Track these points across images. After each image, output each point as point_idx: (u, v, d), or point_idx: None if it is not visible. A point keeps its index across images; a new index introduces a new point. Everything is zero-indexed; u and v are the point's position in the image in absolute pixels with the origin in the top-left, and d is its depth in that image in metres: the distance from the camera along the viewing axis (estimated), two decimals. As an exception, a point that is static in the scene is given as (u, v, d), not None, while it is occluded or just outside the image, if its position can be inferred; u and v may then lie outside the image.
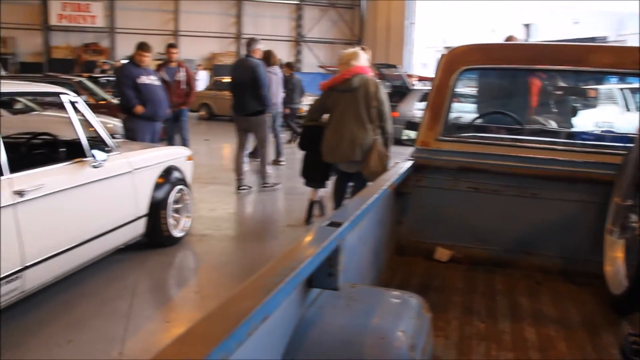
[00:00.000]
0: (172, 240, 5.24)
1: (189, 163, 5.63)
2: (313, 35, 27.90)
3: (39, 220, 3.59)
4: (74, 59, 25.81)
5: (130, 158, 4.62)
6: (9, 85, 4.45)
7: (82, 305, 4.04)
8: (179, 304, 4.23)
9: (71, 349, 3.43)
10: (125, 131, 7.06)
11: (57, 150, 4.15)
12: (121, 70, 7.26)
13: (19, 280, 3.46)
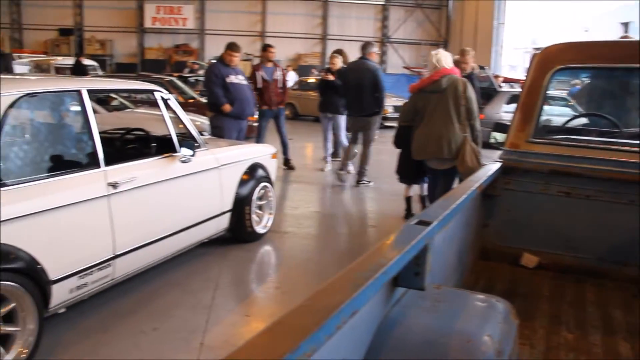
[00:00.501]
0: (254, 236, 5.33)
1: (273, 161, 5.70)
2: (398, 36, 27.69)
3: (130, 212, 3.74)
4: (165, 59, 26.82)
5: (217, 154, 4.73)
6: (108, 82, 4.67)
7: (167, 295, 4.17)
8: (260, 299, 4.29)
9: (155, 337, 3.55)
10: (213, 129, 7.23)
11: (149, 145, 4.31)
12: (211, 70, 7.41)
13: (110, 268, 3.62)
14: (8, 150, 3.11)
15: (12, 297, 2.94)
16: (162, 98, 4.32)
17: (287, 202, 7.20)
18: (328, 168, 9.29)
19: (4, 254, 2.87)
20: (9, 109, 3.09)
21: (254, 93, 8.78)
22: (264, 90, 8.77)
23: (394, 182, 8.32)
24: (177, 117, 4.49)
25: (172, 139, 4.23)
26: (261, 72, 8.74)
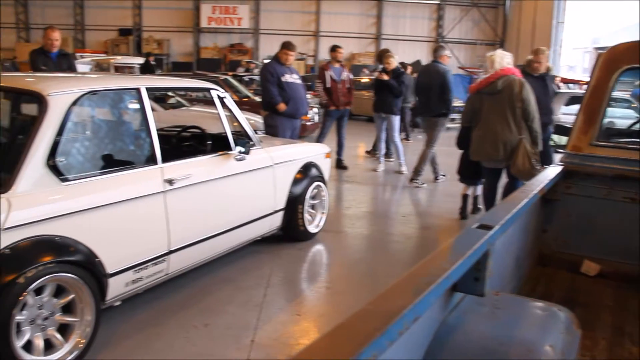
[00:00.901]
0: (307, 235, 5.33)
1: (327, 160, 5.68)
2: (453, 36, 27.31)
3: (185, 208, 3.78)
4: (220, 58, 27.19)
5: (272, 153, 4.75)
6: (166, 81, 4.74)
7: (219, 291, 4.20)
8: (310, 298, 4.29)
9: (207, 332, 3.58)
10: (267, 127, 7.25)
11: (204, 143, 4.35)
12: (266, 68, 7.40)
13: (164, 263, 3.68)
14: (70, 147, 3.19)
15: (72, 289, 3.02)
16: (218, 96, 4.37)
17: (339, 202, 7.18)
18: (381, 168, 9.23)
19: (64, 246, 2.95)
20: (72, 106, 3.16)
21: (322, 92, 8.84)
22: (332, 90, 8.82)
23: (449, 183, 8.25)
24: (232, 115, 4.53)
25: (227, 137, 4.27)
26: (330, 71, 8.78)
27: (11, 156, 2.98)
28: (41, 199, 2.92)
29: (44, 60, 6.37)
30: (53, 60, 6.37)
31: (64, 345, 3.02)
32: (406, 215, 6.67)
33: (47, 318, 2.96)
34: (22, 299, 2.74)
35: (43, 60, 6.37)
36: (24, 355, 2.81)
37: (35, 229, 2.84)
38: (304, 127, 10.10)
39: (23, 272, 2.72)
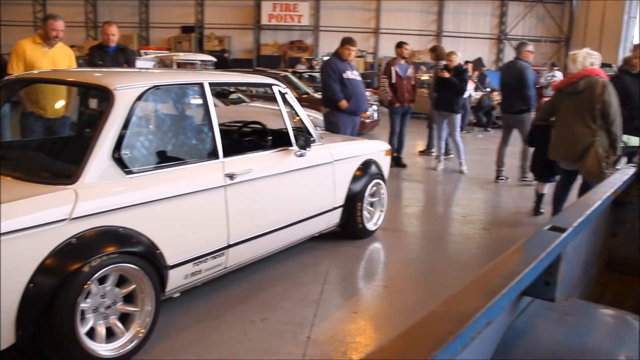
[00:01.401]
0: (365, 232, 5.29)
1: (386, 158, 5.63)
2: (516, 33, 26.59)
3: (245, 203, 3.80)
4: (280, 55, 27.37)
5: (332, 149, 4.72)
6: (229, 76, 4.78)
7: (276, 286, 4.21)
8: (368, 296, 4.24)
9: (263, 327, 3.59)
10: (328, 124, 7.20)
11: (265, 139, 4.36)
12: (328, 64, 7.30)
13: (223, 257, 3.71)
14: (134, 140, 3.25)
15: (133, 279, 3.08)
16: (280, 92, 4.37)
17: (398, 200, 7.10)
18: (441, 167, 9.09)
19: (127, 238, 3.01)
20: (137, 100, 3.22)
21: (387, 89, 8.79)
22: (397, 87, 8.78)
23: (510, 185, 8.05)
24: (293, 111, 4.52)
25: (288, 132, 4.27)
26: (395, 67, 8.73)
27: (79, 148, 3.06)
28: (106, 190, 2.98)
29: (100, 55, 6.44)
30: (110, 55, 6.42)
31: (124, 333, 3.08)
32: (466, 215, 6.53)
33: (109, 307, 3.03)
34: (86, 287, 2.80)
35: (100, 55, 6.44)
36: (87, 341, 2.87)
37: (100, 219, 2.90)
38: (363, 124, 10.05)
39: (88, 261, 2.78)
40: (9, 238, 2.54)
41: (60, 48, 5.57)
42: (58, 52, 5.51)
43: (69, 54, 5.70)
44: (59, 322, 2.71)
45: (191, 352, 3.24)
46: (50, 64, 5.29)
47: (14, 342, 2.67)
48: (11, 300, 2.60)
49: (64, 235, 2.74)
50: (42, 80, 4.04)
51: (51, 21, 5.36)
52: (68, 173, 2.93)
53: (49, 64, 5.29)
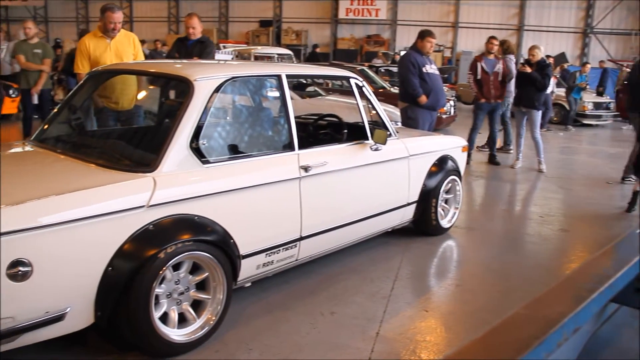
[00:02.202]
0: (438, 230, 5.20)
1: (463, 154, 5.50)
2: (604, 26, 25.40)
3: (319, 195, 3.80)
4: (357, 49, 27.28)
5: (408, 144, 4.65)
6: (306, 68, 4.78)
7: (347, 280, 4.19)
8: (439, 295, 4.15)
9: (333, 320, 3.58)
10: (406, 119, 7.05)
11: (340, 132, 4.34)
12: (407, 58, 7.10)
13: (295, 248, 3.72)
14: (212, 130, 3.29)
15: (207, 267, 3.13)
16: (357, 85, 4.33)
17: (473, 198, 6.94)
18: (518, 165, 8.82)
19: (202, 226, 3.06)
20: (216, 91, 3.27)
21: (473, 84, 8.63)
22: (483, 83, 8.60)
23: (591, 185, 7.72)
24: (370, 104, 4.47)
25: (364, 126, 4.23)
26: (482, 63, 8.54)
27: (158, 138, 3.13)
28: (183, 179, 3.04)
29: (178, 47, 6.40)
30: (187, 48, 6.34)
31: (196, 320, 3.14)
32: (544, 215, 6.30)
33: (183, 293, 3.09)
34: (161, 273, 2.87)
35: (178, 47, 6.41)
36: (160, 325, 2.94)
37: (177, 207, 2.96)
38: (439, 119, 9.89)
39: (164, 247, 2.84)
40: (92, 222, 2.64)
41: (122, 36, 5.49)
42: (120, 41, 5.44)
43: (131, 39, 5.59)
44: (134, 305, 2.78)
45: (260, 341, 3.27)
46: (114, 56, 5.28)
47: (92, 322, 2.77)
48: (91, 282, 2.70)
49: (142, 222, 2.82)
50: (126, 72, 4.17)
51: (109, 13, 5.28)
52: (147, 161, 3.01)
53: (112, 56, 5.27)
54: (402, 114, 7.17)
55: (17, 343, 2.57)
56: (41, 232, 2.49)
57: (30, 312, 2.53)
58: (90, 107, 4.08)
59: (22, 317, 2.51)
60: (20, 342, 2.58)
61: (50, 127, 3.79)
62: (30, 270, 2.47)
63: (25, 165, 3.41)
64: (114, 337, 3.03)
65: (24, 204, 2.50)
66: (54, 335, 2.70)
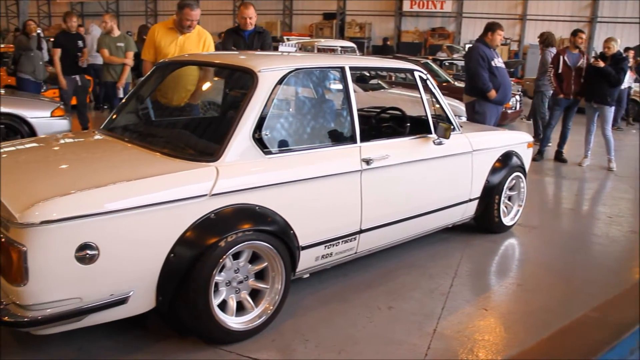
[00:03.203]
0: (500, 227, 5.09)
1: (528, 150, 5.35)
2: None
3: (380, 189, 3.77)
4: (421, 42, 26.95)
5: (471, 139, 4.56)
6: (369, 60, 4.76)
7: (405, 275, 4.16)
8: (500, 294, 4.06)
9: (390, 315, 3.56)
10: (473, 114, 6.88)
11: (403, 125, 4.30)
12: (476, 51, 6.88)
13: (354, 241, 3.71)
14: (275, 121, 3.31)
15: (266, 257, 3.16)
16: (421, 78, 4.27)
17: (538, 195, 6.75)
18: (586, 163, 8.53)
19: (263, 216, 3.08)
20: (279, 82, 3.29)
21: (553, 78, 8.41)
22: (564, 77, 8.35)
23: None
24: (433, 98, 4.40)
25: (427, 119, 4.17)
26: (565, 56, 8.31)
27: (222, 128, 3.17)
28: (245, 169, 3.07)
29: (235, 39, 6.14)
30: (245, 39, 6.10)
31: (253, 309, 3.18)
32: (612, 215, 6.07)
33: (241, 282, 3.14)
34: (221, 261, 2.91)
35: (234, 39, 6.15)
36: (219, 312, 3.00)
37: (238, 197, 2.99)
38: (504, 114, 9.67)
39: (224, 236, 2.88)
40: (156, 209, 2.70)
41: (194, 34, 5.32)
42: (191, 38, 5.28)
43: (203, 38, 5.39)
44: (194, 291, 2.84)
45: (316, 332, 3.28)
46: (179, 51, 5.18)
47: (154, 306, 2.84)
48: (154, 268, 2.76)
49: (204, 210, 2.86)
50: (191, 63, 4.24)
51: (187, 10, 5.12)
52: (211, 151, 3.05)
53: (177, 50, 5.19)
54: (467, 108, 7.02)
55: (83, 323, 2.66)
56: (108, 217, 2.57)
57: (96, 294, 2.62)
58: (157, 97, 4.17)
59: (88, 299, 2.60)
60: (86, 322, 2.68)
61: (119, 117, 3.91)
62: (97, 254, 2.55)
63: (94, 153, 3.53)
64: (174, 321, 3.11)
65: (93, 189, 2.59)
66: (117, 317, 2.78)
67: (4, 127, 6.76)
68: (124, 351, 3.01)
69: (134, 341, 3.10)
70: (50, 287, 2.50)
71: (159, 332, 3.19)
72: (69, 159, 3.45)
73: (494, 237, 5.06)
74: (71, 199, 2.52)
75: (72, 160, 3.36)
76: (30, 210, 2.40)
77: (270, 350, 3.09)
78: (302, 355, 3.06)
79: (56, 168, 3.18)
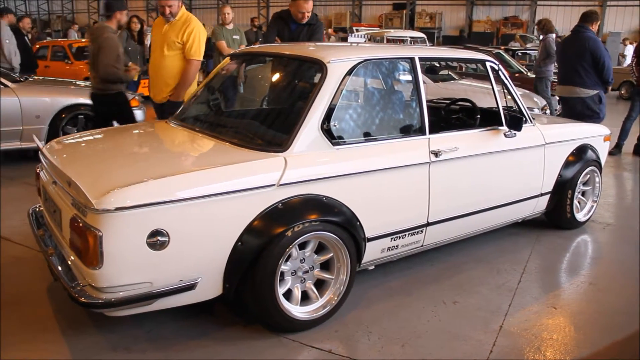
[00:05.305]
0: (573, 223, 4.93)
1: (605, 144, 5.14)
2: None
3: (448, 181, 3.71)
4: (493, 32, 26.30)
5: (544, 131, 4.42)
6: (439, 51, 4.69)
7: (472, 270, 4.10)
8: (570, 292, 3.94)
9: (455, 310, 3.52)
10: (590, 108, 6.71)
11: (473, 117, 4.22)
12: (599, 41, 6.71)
13: (420, 234, 3.67)
14: (343, 112, 3.32)
15: (332, 248, 3.18)
16: (492, 68, 4.17)
17: (613, 190, 6.49)
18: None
19: (330, 207, 3.10)
20: (349, 73, 3.28)
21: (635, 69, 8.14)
22: None
23: None
24: (505, 89, 4.29)
25: (498, 111, 4.07)
26: None
27: (291, 118, 3.20)
28: (313, 160, 3.08)
29: (280, 28, 5.64)
30: (290, 30, 5.61)
31: (318, 299, 3.21)
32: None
33: (307, 272, 3.17)
34: (287, 251, 2.95)
35: (279, 28, 5.65)
36: (284, 301, 3.04)
37: (306, 187, 3.02)
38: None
39: (291, 226, 2.91)
40: (225, 198, 2.76)
41: (179, 23, 5.01)
42: (174, 27, 5.00)
43: (184, 28, 5.00)
44: (260, 280, 2.89)
45: (380, 325, 3.28)
46: (160, 41, 5.04)
47: (220, 293, 2.91)
48: (222, 255, 2.83)
49: (272, 200, 2.90)
50: (261, 54, 4.29)
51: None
52: (279, 141, 3.08)
53: (161, 40, 5.03)
54: (578, 103, 6.79)
55: (153, 306, 2.76)
56: (179, 205, 2.64)
57: (166, 279, 2.71)
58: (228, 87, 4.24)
59: (158, 283, 2.69)
60: (155, 306, 2.76)
61: (191, 108, 4.00)
62: (168, 240, 2.63)
63: (166, 143, 3.64)
64: (239, 309, 3.18)
65: (165, 178, 2.67)
66: (185, 302, 2.86)
67: (83, 117, 7.07)
68: (191, 336, 3.09)
69: (200, 326, 3.19)
70: (123, 271, 2.59)
71: (225, 319, 3.27)
72: (143, 147, 3.57)
73: (565, 234, 4.91)
74: (144, 186, 2.60)
75: (145, 149, 3.47)
76: (106, 197, 2.50)
77: (333, 340, 3.11)
78: (365, 347, 3.07)
79: (130, 156, 3.30)
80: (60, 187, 2.94)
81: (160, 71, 5.07)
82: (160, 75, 5.09)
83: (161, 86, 5.12)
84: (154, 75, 5.21)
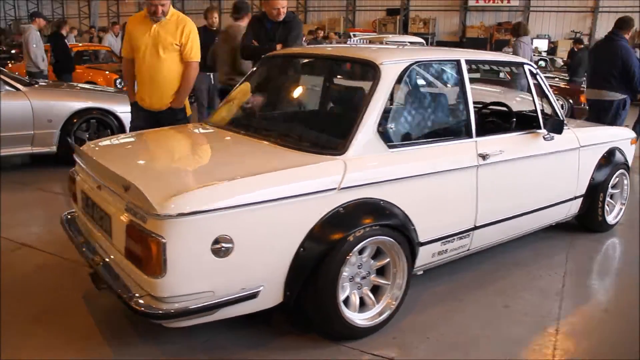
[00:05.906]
0: (604, 226, 4.92)
1: (632, 147, 5.14)
2: None
3: (494, 185, 3.67)
4: (486, 37, 26.40)
5: (578, 134, 4.41)
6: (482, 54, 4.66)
7: (512, 275, 4.06)
8: (617, 294, 3.92)
9: (506, 314, 3.48)
10: (615, 114, 6.74)
11: (510, 120, 4.19)
12: (628, 46, 6.72)
13: (468, 238, 3.63)
14: (397, 114, 3.27)
15: (388, 253, 3.12)
16: (531, 72, 4.15)
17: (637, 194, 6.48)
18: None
19: (387, 211, 3.04)
20: (401, 75, 3.25)
21: None
22: None
23: None
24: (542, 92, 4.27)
25: (537, 114, 4.05)
26: None
27: (346, 121, 3.14)
28: (371, 163, 3.02)
29: (257, 31, 5.36)
30: (267, 30, 5.31)
31: (374, 305, 3.14)
32: None
33: (364, 277, 3.10)
34: (348, 257, 2.88)
35: (256, 31, 5.37)
36: (344, 308, 2.97)
37: (364, 191, 2.95)
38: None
39: (352, 231, 2.85)
40: (288, 202, 2.69)
41: (172, 24, 4.71)
42: (167, 28, 4.67)
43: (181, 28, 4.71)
44: (322, 287, 2.81)
45: (437, 330, 3.22)
46: (152, 42, 4.66)
47: (281, 301, 2.83)
48: (284, 263, 2.75)
49: (333, 204, 2.83)
50: (302, 56, 4.23)
51: None
52: (335, 144, 3.01)
53: (150, 42, 4.66)
54: (606, 106, 6.81)
55: (214, 317, 2.66)
56: (243, 210, 2.55)
57: (228, 288, 2.61)
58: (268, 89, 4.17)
59: (220, 292, 2.59)
60: (217, 316, 2.67)
61: (231, 111, 3.93)
62: (232, 247, 2.54)
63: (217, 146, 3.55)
64: (298, 317, 3.10)
65: (227, 182, 2.58)
66: (247, 311, 2.77)
67: (96, 122, 6.98)
68: (248, 346, 3.00)
69: (255, 337, 3.09)
70: (186, 280, 2.50)
71: (279, 328, 3.18)
72: (192, 150, 3.49)
73: (596, 236, 4.89)
74: (207, 191, 2.52)
75: (195, 152, 3.39)
76: (170, 201, 2.40)
77: (392, 347, 3.04)
78: (426, 354, 3.01)
79: (183, 160, 3.23)
80: (109, 191, 2.84)
81: (157, 76, 4.67)
82: (158, 80, 4.68)
83: (161, 92, 4.72)
84: (146, 81, 4.73)
